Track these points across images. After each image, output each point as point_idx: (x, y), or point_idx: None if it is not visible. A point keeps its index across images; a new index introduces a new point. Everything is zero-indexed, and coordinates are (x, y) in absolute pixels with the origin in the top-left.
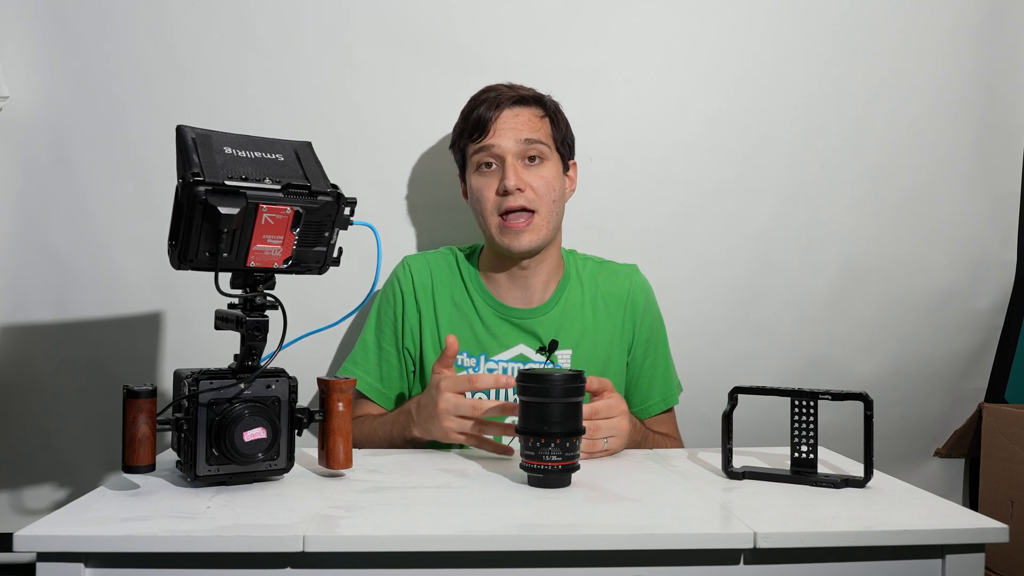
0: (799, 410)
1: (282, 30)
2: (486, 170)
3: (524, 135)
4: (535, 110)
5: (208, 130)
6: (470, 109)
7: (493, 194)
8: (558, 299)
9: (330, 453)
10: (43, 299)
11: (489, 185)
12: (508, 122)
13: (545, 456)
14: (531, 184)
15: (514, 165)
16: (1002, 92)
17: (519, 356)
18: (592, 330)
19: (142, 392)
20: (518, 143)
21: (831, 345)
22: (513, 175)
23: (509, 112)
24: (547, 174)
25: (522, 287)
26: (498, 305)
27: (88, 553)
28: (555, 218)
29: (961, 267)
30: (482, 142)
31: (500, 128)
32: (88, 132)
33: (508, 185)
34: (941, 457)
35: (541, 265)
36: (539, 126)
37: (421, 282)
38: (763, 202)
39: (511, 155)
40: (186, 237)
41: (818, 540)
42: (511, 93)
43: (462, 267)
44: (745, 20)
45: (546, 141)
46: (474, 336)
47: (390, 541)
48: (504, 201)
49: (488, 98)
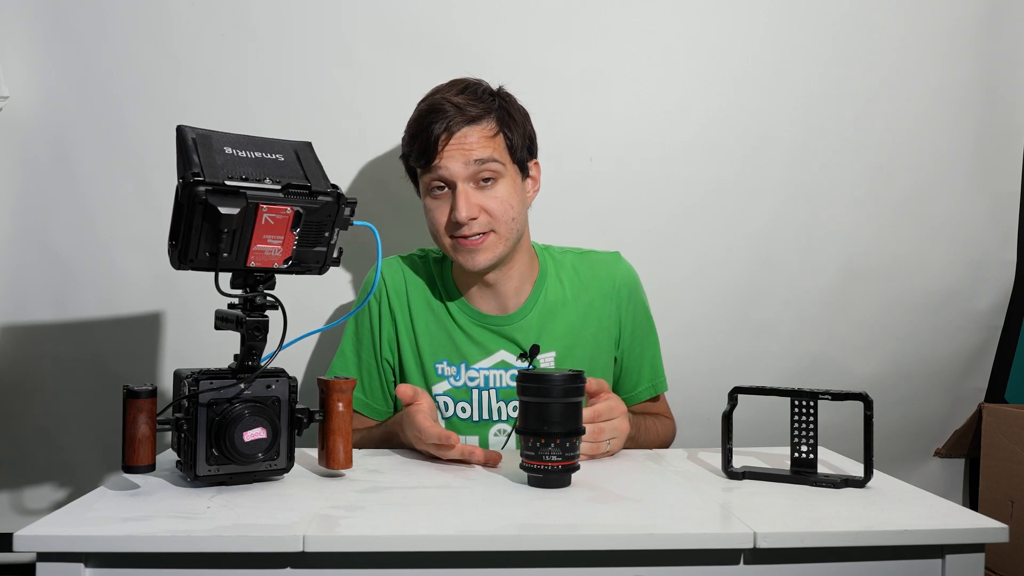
0: (799, 410)
1: (282, 30)
2: (438, 192)
3: (475, 156)
4: (485, 127)
5: (208, 130)
6: (417, 129)
7: (445, 219)
8: (535, 302)
9: (330, 453)
10: (43, 299)
11: (441, 209)
12: (457, 144)
13: (545, 456)
14: (485, 207)
15: (465, 192)
16: (1002, 92)
17: (500, 363)
18: (576, 327)
19: (142, 392)
20: (467, 165)
21: (831, 345)
22: (464, 205)
23: (457, 136)
24: (502, 194)
25: (493, 296)
26: (474, 313)
27: (88, 553)
28: (514, 234)
29: (961, 267)
30: (431, 171)
31: (449, 153)
32: (88, 132)
33: (459, 217)
34: (941, 457)
35: (509, 272)
36: (493, 144)
37: (395, 288)
38: (763, 202)
39: (461, 180)
40: (186, 237)
41: (818, 540)
42: (458, 116)
43: (435, 272)
44: (745, 20)
45: (499, 158)
46: (453, 344)
47: (390, 541)
48: (458, 226)
49: (434, 120)
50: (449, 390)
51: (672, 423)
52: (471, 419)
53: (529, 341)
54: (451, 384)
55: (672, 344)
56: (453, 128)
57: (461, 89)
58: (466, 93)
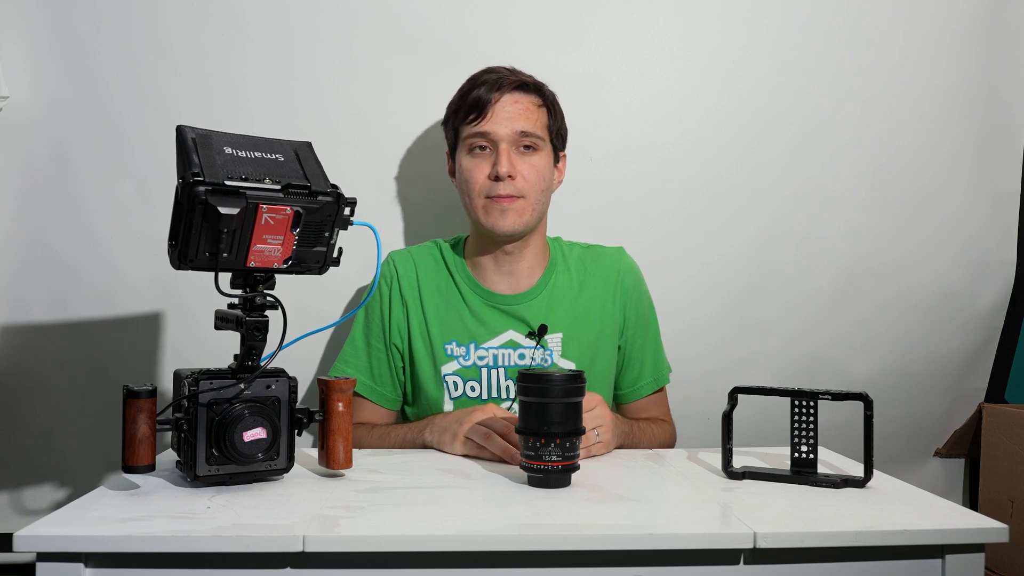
0: (799, 410)
1: (282, 30)
2: (479, 152)
3: (520, 126)
4: (534, 98)
5: (208, 130)
6: (469, 88)
7: (483, 177)
8: (545, 284)
9: (330, 453)
10: (43, 299)
11: (480, 167)
12: (507, 108)
13: (545, 456)
14: (522, 172)
15: (508, 151)
16: (1002, 92)
17: (509, 342)
18: (582, 314)
19: (142, 392)
20: (514, 132)
21: (831, 345)
22: (506, 161)
23: (509, 97)
24: (539, 163)
25: (508, 272)
26: (485, 292)
27: (88, 553)
28: (541, 207)
29: (961, 267)
30: (478, 126)
31: (498, 113)
32: (88, 132)
33: (500, 171)
34: (941, 457)
35: (525, 251)
36: (536, 116)
37: (406, 275)
38: (763, 202)
39: (506, 142)
40: (186, 237)
41: (818, 540)
42: (513, 78)
43: (447, 257)
44: (745, 20)
45: (541, 132)
46: (463, 324)
47: (390, 541)
48: (494, 187)
49: (488, 80)
50: (458, 369)
51: (672, 428)
52: (480, 397)
53: (538, 320)
54: (460, 364)
55: (672, 344)
56: (505, 88)
57: (513, 68)
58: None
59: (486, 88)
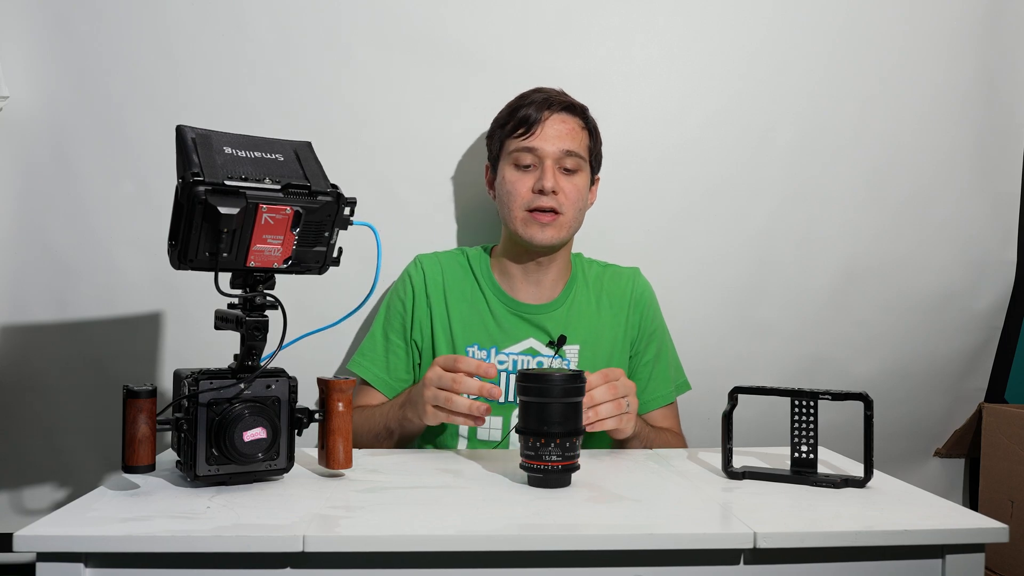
0: (799, 410)
1: (282, 30)
2: (524, 166)
3: (566, 145)
4: (579, 120)
5: (208, 130)
6: (519, 104)
7: (526, 190)
8: (566, 297)
9: (330, 453)
10: (43, 299)
11: (523, 181)
12: (555, 127)
13: (545, 456)
14: (564, 189)
15: (552, 168)
16: (1002, 92)
17: (529, 350)
18: (598, 328)
19: (142, 392)
20: (559, 151)
21: (831, 345)
22: (551, 177)
23: (557, 117)
24: (579, 183)
25: (535, 283)
26: (509, 300)
27: (88, 553)
28: (576, 224)
29: (961, 267)
30: (526, 141)
31: (546, 131)
32: (88, 132)
33: (545, 186)
34: (941, 457)
35: (553, 264)
36: (580, 138)
37: (433, 279)
38: (763, 202)
39: (551, 159)
40: (186, 237)
41: (818, 540)
42: (562, 98)
43: (474, 265)
44: (745, 20)
45: (583, 153)
46: (485, 330)
47: (390, 541)
48: (536, 199)
49: (538, 99)
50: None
51: (681, 441)
52: (496, 401)
53: (558, 331)
54: None
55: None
56: (554, 108)
57: (561, 90)
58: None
59: (536, 107)
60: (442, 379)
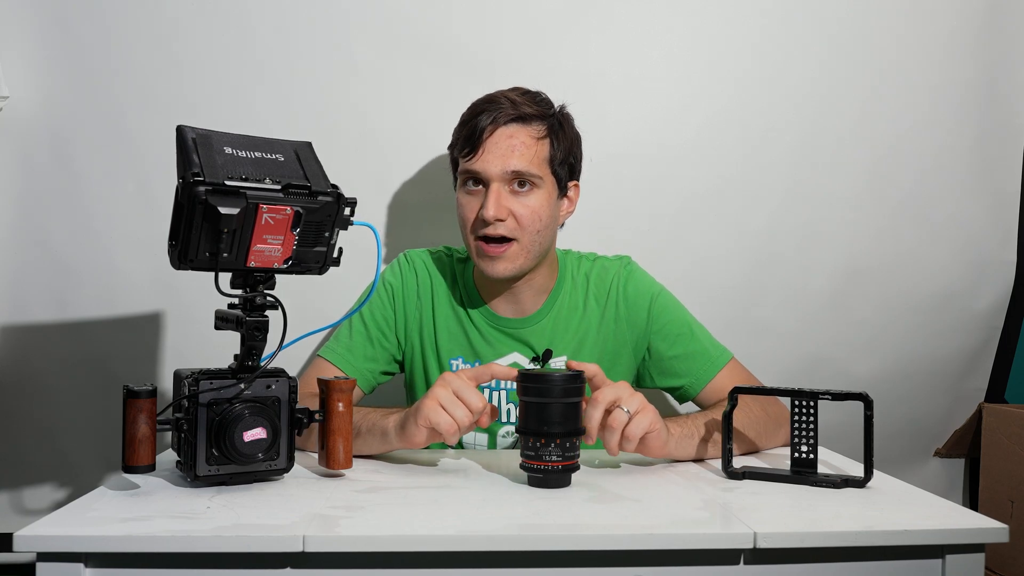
0: (799, 410)
1: (282, 30)
2: (472, 188)
3: (512, 164)
4: (534, 128)
5: (208, 130)
6: (468, 117)
7: (473, 215)
8: (549, 308)
9: (330, 453)
10: (43, 299)
11: (471, 205)
12: (500, 144)
13: (545, 456)
14: (514, 212)
15: (498, 191)
16: (1002, 92)
17: (513, 364)
18: (589, 331)
19: (142, 392)
20: (503, 172)
21: (831, 345)
22: (493, 204)
23: (503, 132)
24: (534, 203)
25: (512, 301)
26: (490, 315)
27: (88, 553)
28: (537, 247)
29: (961, 267)
30: (469, 162)
31: (489, 150)
32: (88, 132)
33: (487, 215)
34: (941, 457)
35: (529, 283)
36: (534, 151)
37: (423, 280)
38: (763, 202)
39: (497, 181)
40: (186, 237)
41: (818, 540)
42: (511, 110)
43: (457, 271)
44: (745, 20)
45: (537, 170)
46: (469, 343)
47: (390, 541)
48: (482, 228)
49: (485, 109)
50: None
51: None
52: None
53: (542, 345)
54: None
55: None
56: (500, 121)
57: (522, 92)
58: (525, 95)
59: (482, 118)
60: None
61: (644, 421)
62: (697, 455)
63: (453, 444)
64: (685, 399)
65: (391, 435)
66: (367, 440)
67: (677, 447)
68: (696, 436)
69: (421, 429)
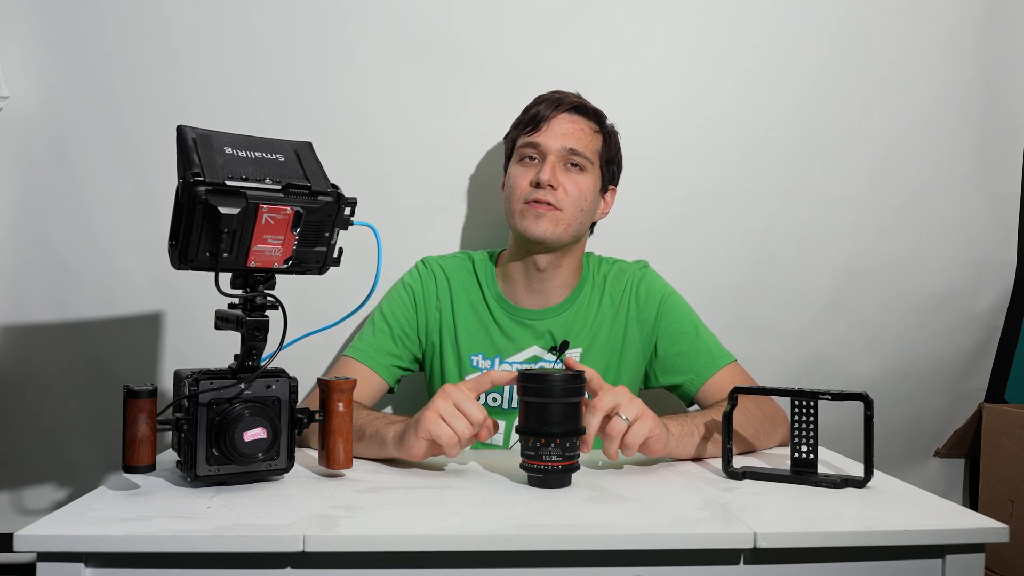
0: (799, 410)
1: (283, 30)
2: (528, 162)
3: (570, 143)
4: (591, 123)
5: (208, 130)
6: (532, 104)
7: (526, 183)
8: (571, 303)
9: (330, 453)
10: (43, 299)
11: (525, 175)
12: (562, 125)
13: (545, 456)
14: (564, 185)
15: (554, 164)
16: (1002, 92)
17: (532, 357)
18: (604, 329)
19: (142, 392)
20: (562, 148)
21: (831, 345)
22: (550, 171)
23: (566, 116)
24: (583, 182)
25: (538, 291)
26: (512, 308)
27: (88, 553)
28: (577, 224)
29: (961, 267)
30: (531, 136)
31: (552, 128)
32: (88, 132)
33: (542, 178)
34: (941, 457)
35: (558, 271)
36: (590, 139)
37: (442, 283)
38: (763, 202)
39: (554, 155)
40: (186, 237)
41: (818, 540)
42: (574, 99)
43: (478, 271)
44: (745, 20)
45: (590, 155)
46: (489, 339)
47: (390, 541)
48: (534, 192)
49: (551, 98)
50: None
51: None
52: (500, 407)
53: (560, 335)
54: None
55: None
56: (563, 107)
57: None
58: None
59: (546, 105)
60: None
61: (643, 429)
62: (696, 454)
63: (453, 456)
64: (687, 398)
65: (389, 445)
66: (368, 445)
67: (677, 446)
68: (696, 435)
69: (421, 441)
